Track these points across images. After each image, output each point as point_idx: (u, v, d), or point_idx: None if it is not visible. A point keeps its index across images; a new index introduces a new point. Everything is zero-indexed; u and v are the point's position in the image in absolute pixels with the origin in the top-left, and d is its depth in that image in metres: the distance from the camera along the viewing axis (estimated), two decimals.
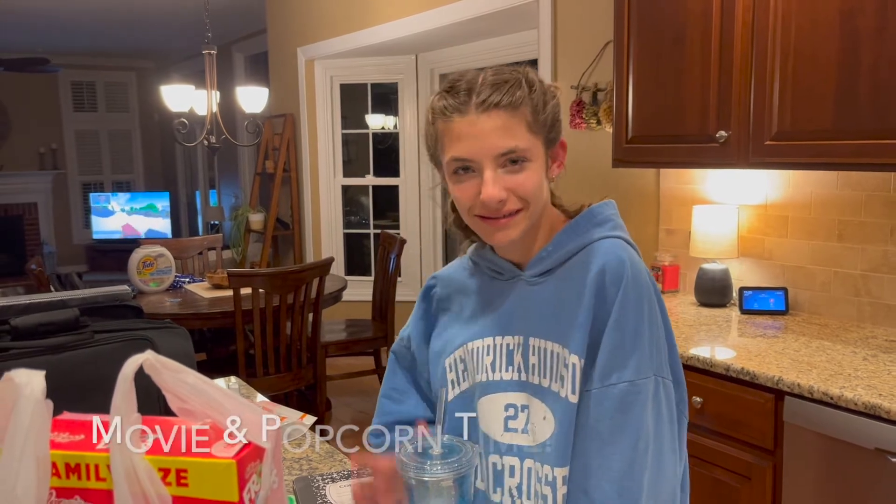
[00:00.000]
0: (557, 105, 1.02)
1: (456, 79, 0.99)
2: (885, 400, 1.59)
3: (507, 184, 0.97)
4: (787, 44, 2.00)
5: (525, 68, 1.01)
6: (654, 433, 0.95)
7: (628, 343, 0.95)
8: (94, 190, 9.36)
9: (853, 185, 2.22)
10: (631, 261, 0.98)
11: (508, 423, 1.05)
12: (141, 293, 3.66)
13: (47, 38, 7.51)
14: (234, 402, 0.57)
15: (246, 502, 0.55)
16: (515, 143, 0.96)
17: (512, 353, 1.04)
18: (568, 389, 0.98)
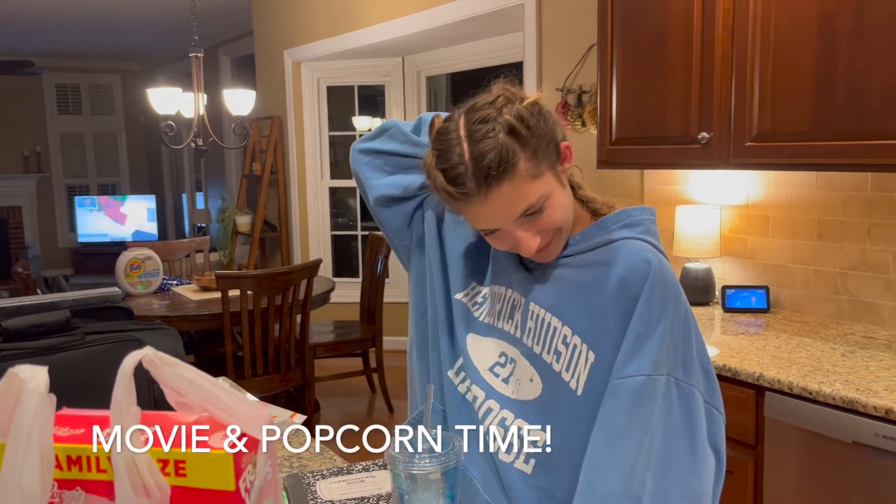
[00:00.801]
0: (547, 119, 0.98)
1: (446, 151, 0.95)
2: (862, 395, 1.63)
3: (536, 228, 0.99)
4: (766, 47, 2.04)
5: (500, 110, 0.94)
6: (663, 433, 0.94)
7: (649, 336, 0.95)
8: (79, 193, 9.31)
9: (832, 185, 2.27)
10: (659, 263, 0.98)
11: (496, 367, 1.09)
12: (128, 296, 3.66)
13: (32, 41, 7.48)
14: (230, 396, 0.60)
15: (242, 491, 0.57)
16: (527, 202, 0.95)
17: (515, 308, 1.08)
18: (563, 367, 1.00)
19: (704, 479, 0.95)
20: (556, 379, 1.01)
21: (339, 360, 4.32)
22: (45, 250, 9.11)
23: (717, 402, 1.00)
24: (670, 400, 0.94)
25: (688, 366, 0.96)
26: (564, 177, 1.01)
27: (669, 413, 0.94)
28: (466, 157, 0.93)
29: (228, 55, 7.45)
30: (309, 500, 1.18)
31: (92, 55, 8.79)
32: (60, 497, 0.58)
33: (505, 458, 1.05)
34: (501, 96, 0.97)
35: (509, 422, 1.05)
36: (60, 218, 9.31)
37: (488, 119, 0.94)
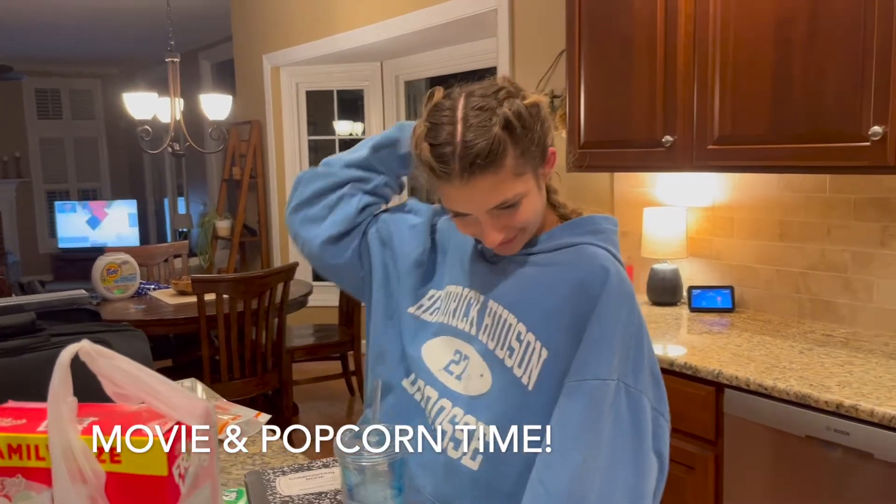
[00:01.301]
0: (544, 122, 1.00)
1: (438, 127, 0.97)
2: (815, 390, 1.67)
3: (504, 222, 1.01)
4: (726, 52, 2.09)
5: (501, 102, 0.96)
6: (611, 437, 0.97)
7: (604, 341, 0.98)
8: (59, 198, 9.27)
9: (793, 187, 2.33)
10: (616, 271, 1.02)
11: (451, 365, 1.11)
12: (105, 300, 3.66)
13: (10, 45, 7.44)
14: (166, 387, 0.63)
15: (175, 477, 0.60)
16: (504, 196, 0.98)
17: (470, 306, 1.10)
18: (516, 362, 1.03)
19: (647, 482, 0.98)
20: (507, 374, 1.04)
21: (318, 364, 4.34)
22: (24, 256, 9.06)
23: (664, 409, 1.03)
24: (619, 405, 0.97)
25: (638, 373, 0.99)
26: (543, 180, 1.05)
27: (618, 418, 0.97)
28: (458, 139, 0.95)
29: (209, 60, 7.46)
30: (268, 495, 1.21)
31: (72, 60, 8.76)
32: (2, 484, 0.61)
33: (453, 455, 1.08)
34: (504, 89, 0.99)
35: (459, 418, 1.08)
36: (40, 223, 9.26)
37: (487, 108, 0.96)
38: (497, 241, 1.03)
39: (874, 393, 1.64)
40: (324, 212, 1.24)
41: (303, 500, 1.19)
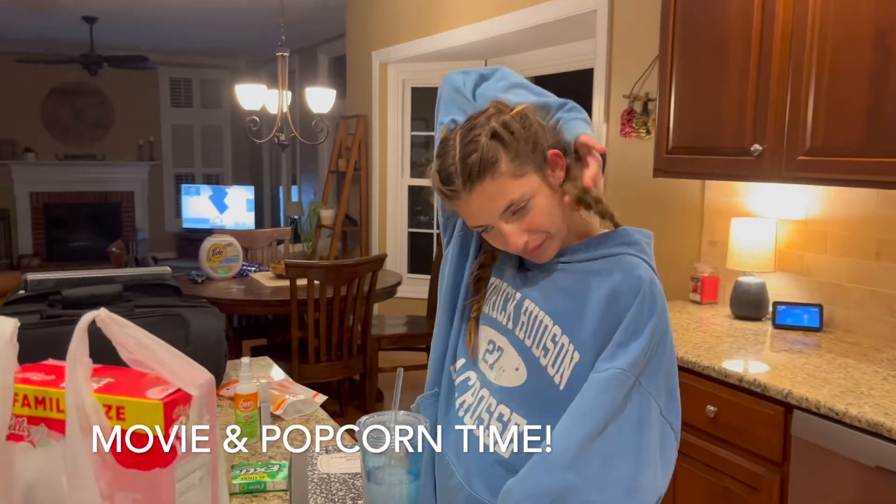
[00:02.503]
0: (531, 126, 1.05)
1: (440, 156, 1.07)
2: (889, 419, 1.58)
3: (522, 227, 1.06)
4: (822, 57, 2.00)
5: (489, 118, 1.04)
6: (617, 426, 0.99)
7: (630, 342, 1.01)
8: (185, 181, 9.89)
9: (893, 203, 2.19)
10: (650, 280, 1.04)
11: (486, 354, 1.16)
12: (209, 278, 3.91)
13: (147, 38, 8.02)
14: (173, 356, 0.69)
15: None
16: (509, 198, 1.04)
17: (508, 301, 1.15)
18: (550, 362, 1.07)
19: (644, 479, 0.99)
20: (541, 372, 1.08)
21: (407, 354, 4.44)
22: (152, 234, 9.73)
23: (673, 422, 1.04)
24: (629, 398, 1.00)
25: (652, 376, 1.02)
26: (555, 182, 1.07)
27: (626, 409, 1.00)
28: (456, 160, 1.04)
29: (326, 54, 7.74)
30: (308, 470, 1.28)
31: (203, 51, 9.32)
32: (28, 431, 0.69)
33: (488, 443, 1.12)
34: (492, 107, 1.07)
35: (494, 407, 1.12)
36: (168, 204, 9.91)
37: (477, 126, 1.05)
38: (520, 245, 1.06)
39: None
40: None
41: (339, 479, 1.26)
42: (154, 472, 0.66)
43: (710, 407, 1.99)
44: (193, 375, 0.69)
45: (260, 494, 1.22)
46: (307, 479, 1.24)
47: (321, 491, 1.21)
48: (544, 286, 1.11)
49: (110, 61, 7.07)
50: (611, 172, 3.26)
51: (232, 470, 1.25)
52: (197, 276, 3.88)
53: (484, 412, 1.13)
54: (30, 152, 8.96)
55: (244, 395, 1.41)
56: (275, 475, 1.25)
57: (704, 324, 2.45)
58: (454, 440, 1.18)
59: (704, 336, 2.28)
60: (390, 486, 1.02)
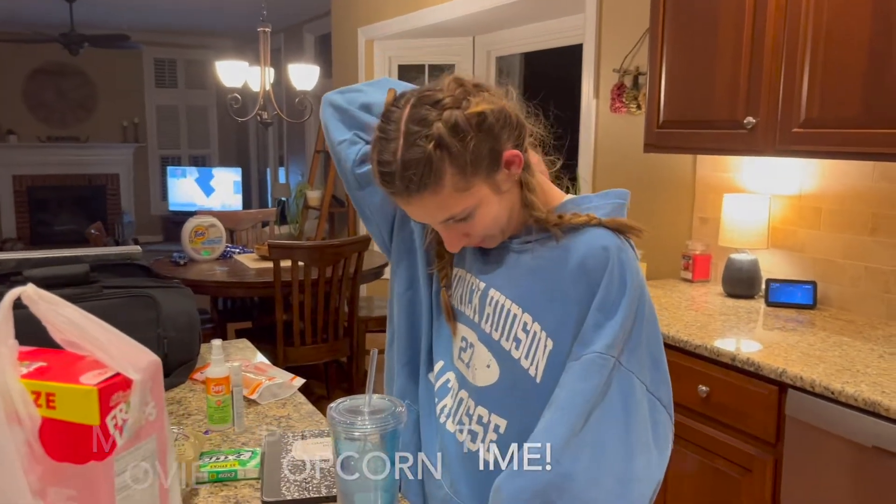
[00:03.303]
0: (490, 130, 0.92)
1: (385, 142, 0.93)
2: (887, 398, 1.53)
3: (461, 230, 0.99)
4: (819, 25, 1.93)
5: (441, 113, 0.90)
6: (600, 414, 0.92)
7: (606, 323, 0.94)
8: (171, 163, 9.76)
9: (890, 177, 2.13)
10: (618, 249, 0.96)
11: (461, 353, 1.09)
12: (192, 260, 3.83)
13: (130, 17, 7.85)
14: (111, 336, 0.62)
15: (110, 428, 0.60)
16: (449, 212, 0.95)
17: (472, 292, 1.07)
18: (522, 354, 0.99)
19: (636, 466, 0.92)
20: (515, 366, 1.01)
21: None
22: (138, 216, 9.61)
23: (662, 395, 0.97)
24: (610, 382, 0.93)
25: (632, 351, 0.95)
26: (507, 183, 0.97)
27: (607, 395, 0.93)
28: (398, 157, 0.91)
29: (312, 32, 7.61)
30: (281, 458, 1.22)
31: (187, 31, 9.16)
32: None
33: (471, 448, 1.06)
34: (449, 97, 0.92)
35: (472, 410, 1.06)
36: (154, 186, 9.78)
37: (426, 120, 0.91)
38: (458, 247, 1.00)
39: None
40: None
41: (314, 465, 1.20)
42: (89, 465, 0.60)
43: (702, 387, 1.94)
44: (135, 358, 0.62)
45: (230, 483, 1.16)
46: (281, 467, 1.18)
47: (295, 478, 1.15)
48: (508, 271, 1.03)
49: (91, 41, 6.92)
50: (600, 149, 3.19)
51: (201, 458, 1.19)
52: (179, 258, 3.80)
53: (464, 415, 1.07)
54: (12, 134, 8.81)
55: (215, 379, 1.34)
56: (246, 463, 1.18)
57: (696, 302, 2.40)
58: (438, 448, 1.12)
59: (696, 314, 2.23)
60: (364, 475, 0.95)
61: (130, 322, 1.53)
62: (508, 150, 0.95)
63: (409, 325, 1.18)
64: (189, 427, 1.36)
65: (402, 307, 1.18)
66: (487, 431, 1.03)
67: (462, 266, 1.10)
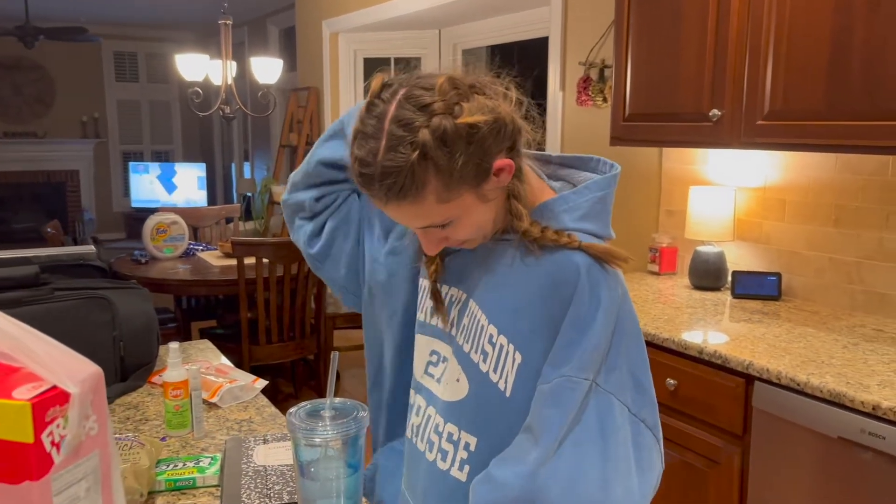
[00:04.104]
0: (481, 143, 0.85)
1: (365, 136, 0.86)
2: (852, 389, 1.54)
3: (440, 234, 0.93)
4: (782, 18, 1.93)
5: (430, 118, 0.83)
6: (574, 440, 0.87)
7: (578, 342, 0.88)
8: (133, 159, 9.57)
9: (852, 168, 2.15)
10: (588, 265, 0.90)
11: (429, 367, 1.05)
12: (154, 258, 3.74)
13: (87, 9, 7.67)
14: (47, 346, 0.58)
15: (46, 445, 0.56)
16: (430, 221, 0.89)
17: (452, 306, 1.01)
18: (491, 367, 0.95)
19: (613, 495, 0.87)
20: (483, 380, 0.95)
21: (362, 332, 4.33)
22: (100, 214, 9.41)
23: (646, 417, 0.91)
24: (585, 406, 0.88)
25: (611, 371, 0.89)
26: (495, 192, 0.91)
27: (583, 420, 0.87)
28: (378, 158, 0.84)
29: (277, 25, 7.50)
30: (242, 463, 1.18)
31: (148, 24, 8.97)
32: None
33: (442, 467, 1.01)
34: (440, 101, 0.83)
35: (442, 428, 1.01)
36: (115, 183, 9.58)
37: (411, 125, 0.83)
38: (435, 252, 0.95)
39: None
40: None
41: (276, 471, 1.16)
42: (24, 486, 0.56)
43: (671, 380, 1.94)
44: (73, 369, 0.58)
45: (189, 492, 1.12)
46: (241, 473, 1.14)
47: (256, 485, 1.11)
48: (483, 277, 0.97)
49: (47, 33, 6.73)
50: (567, 142, 3.18)
51: (158, 465, 1.14)
52: (140, 256, 3.72)
53: (432, 433, 1.02)
54: None
55: (173, 383, 1.30)
56: (205, 470, 1.14)
57: (663, 295, 2.40)
58: (408, 469, 1.08)
59: (663, 307, 2.23)
60: (326, 480, 0.92)
61: (84, 325, 1.48)
62: (500, 159, 0.88)
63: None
64: (146, 433, 1.32)
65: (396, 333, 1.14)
66: (458, 449, 0.98)
67: (442, 281, 1.04)
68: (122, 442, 1.12)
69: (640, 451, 0.89)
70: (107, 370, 1.50)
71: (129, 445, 1.11)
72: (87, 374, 0.60)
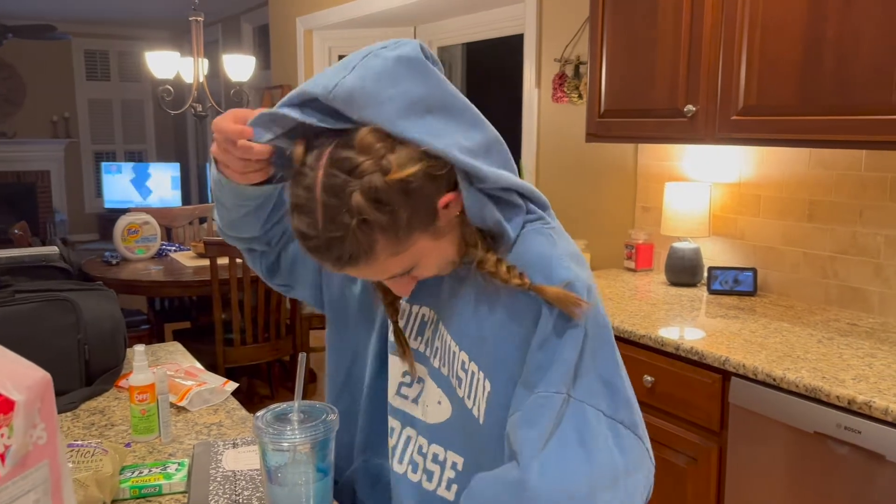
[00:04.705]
0: (420, 191, 0.81)
1: (300, 208, 0.82)
2: (828, 383, 1.54)
3: (408, 278, 0.91)
4: (755, 13, 1.93)
5: (361, 178, 0.78)
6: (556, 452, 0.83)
7: (545, 364, 0.86)
8: (106, 159, 9.42)
9: (825, 163, 2.16)
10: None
11: (402, 388, 1.02)
12: (125, 260, 3.68)
13: (57, 6, 7.54)
14: None
15: None
16: (390, 273, 0.87)
17: (425, 326, 0.99)
18: (465, 393, 0.93)
19: (600, 499, 0.84)
20: (461, 404, 0.94)
21: None
22: (71, 215, 9.26)
23: (623, 417, 0.88)
24: (561, 419, 0.85)
25: (581, 378, 0.86)
26: (449, 224, 0.87)
27: (559, 433, 0.84)
28: (319, 231, 0.81)
29: (251, 23, 7.43)
30: (210, 469, 1.15)
31: (119, 22, 8.84)
32: None
33: (428, 487, 0.99)
34: (367, 160, 0.79)
35: (426, 448, 0.99)
36: (87, 183, 9.43)
37: (343, 192, 0.79)
38: (409, 293, 0.93)
39: (892, 389, 1.50)
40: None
41: (245, 476, 1.13)
42: None
43: (648, 377, 1.93)
44: (18, 375, 0.55)
45: (154, 499, 1.08)
46: (209, 479, 1.11)
47: (224, 491, 1.08)
48: (452, 301, 0.95)
49: (15, 31, 6.61)
50: (543, 139, 3.17)
51: (122, 472, 1.11)
52: (111, 257, 3.65)
53: (415, 454, 0.99)
54: None
55: (139, 387, 1.26)
56: (171, 476, 1.11)
57: (640, 291, 2.39)
58: (392, 493, 1.04)
59: (640, 304, 2.22)
60: (294, 486, 0.90)
61: (47, 328, 1.44)
62: (443, 197, 0.84)
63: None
64: (112, 439, 1.28)
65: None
66: (445, 469, 0.97)
67: (408, 300, 1.01)
68: (83, 449, 1.08)
69: (623, 452, 0.87)
70: (71, 374, 1.45)
71: (91, 452, 1.07)
72: (33, 380, 0.56)
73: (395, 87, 0.81)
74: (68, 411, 1.38)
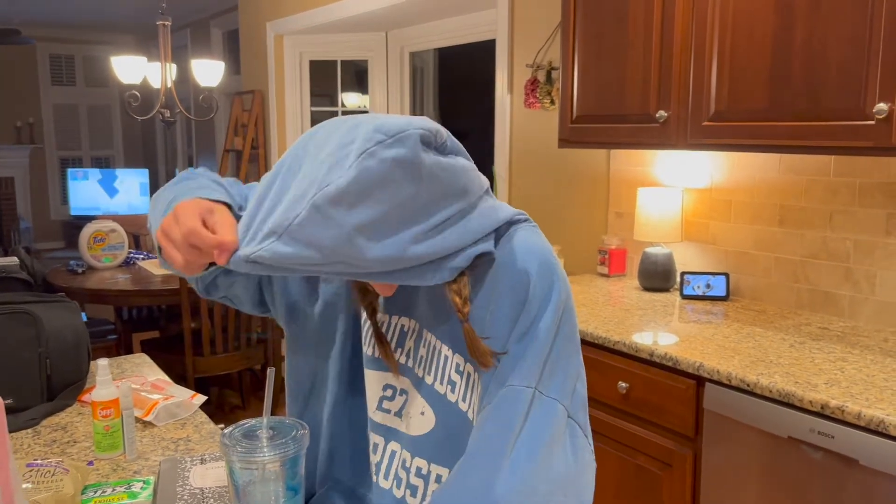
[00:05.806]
0: None
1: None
2: (800, 388, 1.54)
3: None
4: (725, 19, 1.94)
5: None
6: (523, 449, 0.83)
7: (519, 355, 0.86)
8: (72, 165, 9.25)
9: (795, 169, 2.17)
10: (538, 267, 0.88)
11: (383, 402, 0.99)
12: (92, 268, 3.60)
13: (23, 9, 7.39)
14: None
15: None
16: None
17: (405, 336, 0.97)
18: (460, 397, 0.91)
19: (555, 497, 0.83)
20: (451, 410, 0.92)
21: None
22: (37, 222, 9.07)
23: (580, 418, 0.89)
24: (530, 414, 0.84)
25: (552, 377, 0.86)
26: None
27: (528, 428, 0.84)
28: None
29: (220, 28, 7.34)
30: (177, 486, 1.11)
31: (85, 26, 8.70)
32: None
33: (412, 502, 0.96)
34: None
35: (409, 462, 0.96)
36: (53, 190, 9.26)
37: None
38: (390, 293, 0.92)
39: (864, 393, 1.50)
40: None
41: (214, 493, 1.10)
42: None
43: (622, 383, 1.92)
44: None
45: None
46: (176, 497, 1.08)
47: None
48: (438, 308, 0.93)
49: None
50: (515, 145, 3.17)
51: (84, 492, 1.07)
52: (77, 265, 3.57)
53: (399, 469, 0.97)
54: None
55: (102, 402, 1.22)
56: (136, 495, 1.07)
57: (613, 297, 2.39)
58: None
59: (613, 310, 2.22)
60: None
61: (6, 342, 1.39)
62: None
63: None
64: (74, 456, 1.24)
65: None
66: (429, 483, 0.94)
67: (387, 311, 0.99)
68: (44, 469, 1.04)
69: (576, 451, 0.87)
70: (32, 389, 1.41)
71: (52, 472, 1.03)
72: None
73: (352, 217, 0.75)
74: (28, 428, 1.33)
